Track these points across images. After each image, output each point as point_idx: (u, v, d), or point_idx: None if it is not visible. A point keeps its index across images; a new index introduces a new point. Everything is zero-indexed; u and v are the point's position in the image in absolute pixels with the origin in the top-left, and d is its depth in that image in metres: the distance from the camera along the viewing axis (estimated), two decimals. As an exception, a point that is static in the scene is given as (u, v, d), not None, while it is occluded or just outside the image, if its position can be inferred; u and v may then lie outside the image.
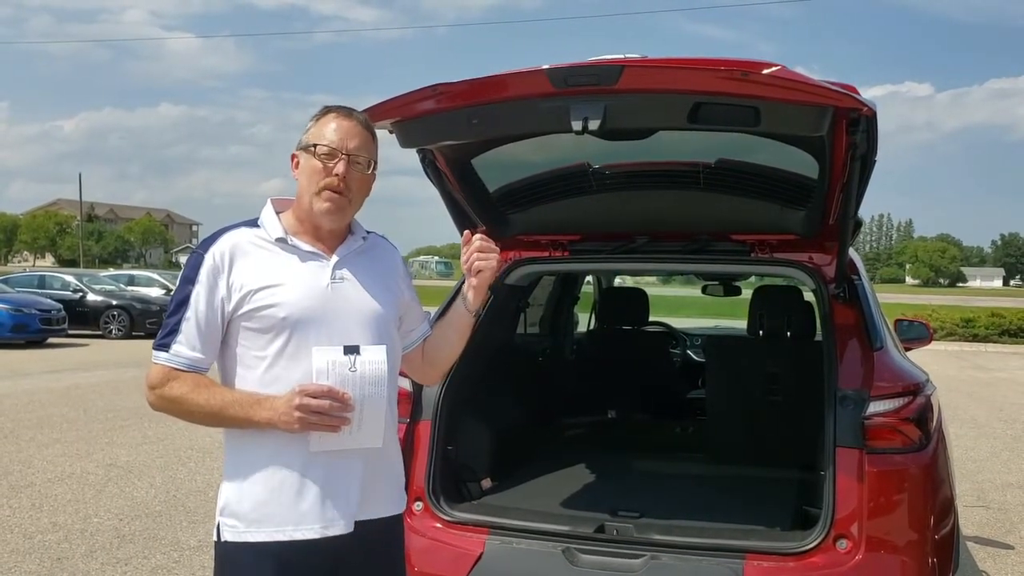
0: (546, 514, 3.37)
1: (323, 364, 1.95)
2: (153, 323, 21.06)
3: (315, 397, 1.91)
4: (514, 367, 4.58)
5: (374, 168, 2.13)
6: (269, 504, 2.03)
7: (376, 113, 2.70)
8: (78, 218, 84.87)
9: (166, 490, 6.38)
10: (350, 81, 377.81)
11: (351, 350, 1.97)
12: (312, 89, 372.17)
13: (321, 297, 2.05)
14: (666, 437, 5.15)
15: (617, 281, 7.16)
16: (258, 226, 2.12)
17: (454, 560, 3.15)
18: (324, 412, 1.92)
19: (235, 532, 2.05)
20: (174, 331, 2.02)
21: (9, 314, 17.66)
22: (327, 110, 2.13)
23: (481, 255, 2.19)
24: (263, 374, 2.03)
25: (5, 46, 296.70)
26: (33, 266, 77.44)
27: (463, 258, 2.22)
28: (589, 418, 5.37)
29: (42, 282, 21.91)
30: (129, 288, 23.75)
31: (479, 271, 2.19)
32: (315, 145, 2.06)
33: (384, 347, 2.04)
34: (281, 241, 2.08)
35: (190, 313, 2.02)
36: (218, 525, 2.09)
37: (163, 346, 2.03)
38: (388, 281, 2.20)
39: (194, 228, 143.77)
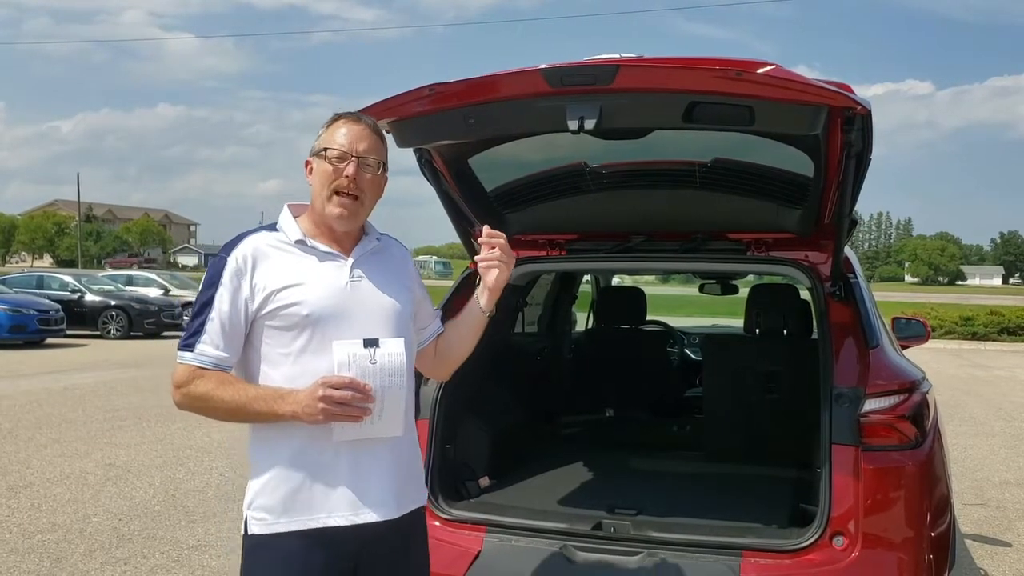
0: (544, 512, 3.38)
1: (344, 357, 2.02)
2: (151, 323, 21.10)
3: (337, 389, 1.98)
4: (512, 366, 4.58)
5: (384, 170, 2.22)
6: (297, 495, 2.09)
7: (373, 113, 2.70)
8: (76, 218, 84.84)
9: (165, 490, 6.39)
10: (348, 81, 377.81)
11: (371, 343, 2.05)
12: (311, 89, 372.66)
13: (341, 295, 2.13)
14: (663, 435, 5.16)
15: (615, 280, 7.18)
16: (277, 230, 2.20)
17: (452, 558, 3.16)
18: (346, 403, 1.99)
19: (263, 524, 2.11)
20: (198, 331, 2.10)
21: (7, 314, 17.66)
22: (337, 116, 2.22)
23: (501, 260, 2.30)
24: (288, 370, 2.10)
25: (3, 47, 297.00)
26: (31, 266, 77.45)
27: (481, 256, 2.31)
28: (587, 416, 5.38)
29: (40, 282, 21.87)
30: (127, 288, 23.72)
31: (495, 273, 2.31)
32: (326, 149, 2.15)
33: (403, 339, 2.12)
34: (300, 243, 2.17)
35: (214, 314, 2.09)
36: (246, 519, 2.15)
37: (188, 346, 2.10)
38: (402, 280, 2.29)
39: (192, 228, 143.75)
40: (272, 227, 2.22)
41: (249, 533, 2.13)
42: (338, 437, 2.05)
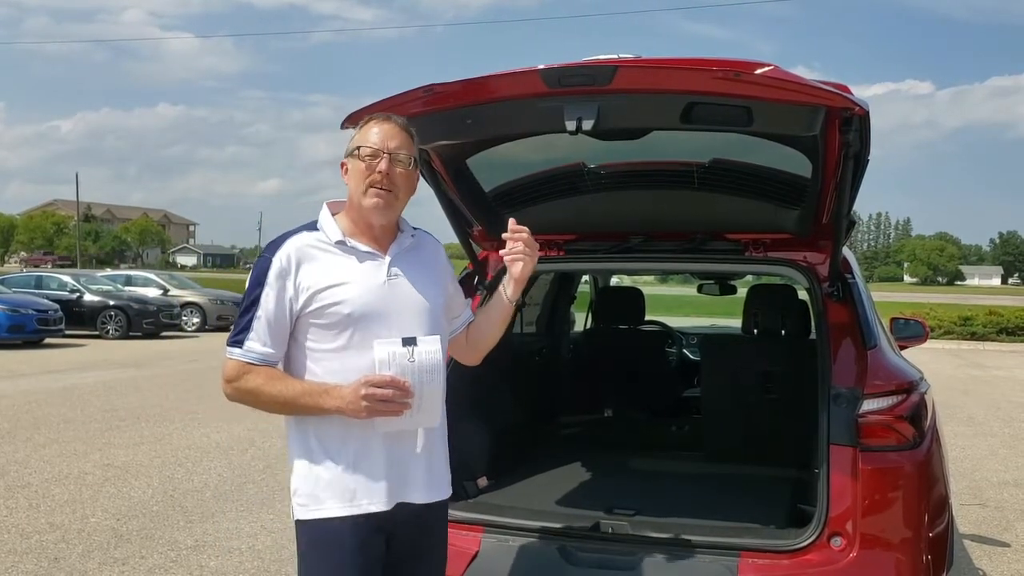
0: (542, 512, 3.38)
1: (385, 355, 2.12)
2: (150, 323, 21.08)
3: (379, 387, 2.10)
4: (511, 366, 4.58)
5: (416, 165, 2.33)
6: (339, 483, 2.21)
7: (370, 113, 2.71)
8: (75, 218, 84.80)
9: (163, 490, 6.38)
10: (348, 81, 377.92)
11: (409, 341, 2.15)
12: (310, 89, 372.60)
13: (380, 293, 2.24)
14: (662, 436, 5.16)
15: (614, 281, 7.17)
16: (317, 229, 2.30)
17: (450, 558, 3.15)
18: (388, 400, 2.11)
19: (307, 511, 2.24)
20: (246, 329, 2.21)
21: (6, 314, 17.63)
22: (369, 118, 2.32)
23: (525, 254, 2.41)
24: (330, 365, 2.21)
25: (2, 47, 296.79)
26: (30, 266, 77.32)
27: (506, 250, 2.41)
28: (585, 417, 5.38)
29: (39, 282, 21.87)
30: (126, 288, 23.67)
31: (520, 266, 2.41)
32: (359, 148, 2.26)
33: (439, 337, 2.23)
34: (341, 244, 2.27)
35: (260, 312, 2.21)
36: (293, 506, 2.28)
37: (237, 343, 2.22)
38: (435, 274, 2.41)
39: (191, 228, 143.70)
40: (312, 226, 2.30)
41: (296, 519, 2.27)
42: (380, 428, 2.17)
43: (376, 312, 2.21)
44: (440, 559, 2.48)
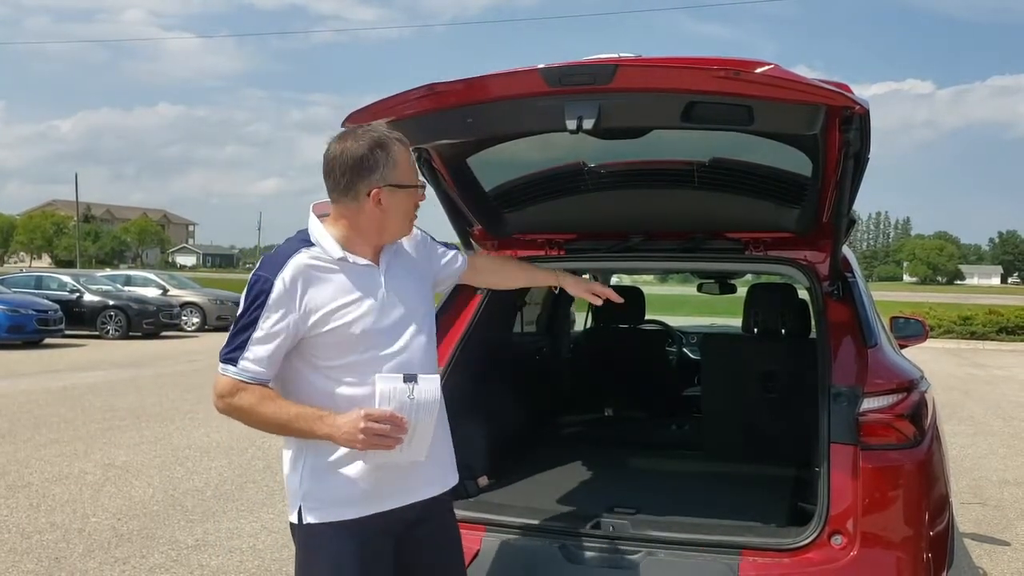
0: (543, 511, 3.38)
1: (387, 390, 2.15)
2: (150, 323, 21.08)
3: (378, 422, 2.10)
4: (511, 366, 4.58)
5: None
6: (354, 485, 2.23)
7: (371, 113, 2.71)
8: (74, 218, 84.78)
9: (164, 490, 6.39)
10: (348, 80, 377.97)
11: (410, 379, 2.18)
12: (310, 88, 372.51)
13: (381, 306, 2.27)
14: (662, 434, 5.16)
15: (614, 280, 7.17)
16: (312, 244, 2.27)
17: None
18: (384, 435, 2.11)
19: (319, 514, 2.24)
20: (242, 347, 2.18)
21: (6, 315, 17.65)
22: (396, 142, 2.28)
23: (594, 300, 2.86)
24: (338, 379, 2.23)
25: (2, 46, 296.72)
26: (30, 266, 77.38)
27: (592, 289, 2.88)
28: (586, 416, 5.38)
29: (39, 282, 21.85)
30: (126, 288, 23.68)
31: (585, 296, 2.89)
32: (413, 185, 2.32)
33: (438, 376, 2.27)
34: (342, 260, 2.26)
35: (259, 334, 2.17)
36: (299, 509, 2.26)
37: (231, 360, 2.18)
38: (419, 268, 2.47)
39: (190, 228, 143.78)
40: (307, 240, 2.27)
41: (304, 523, 2.24)
42: (369, 460, 2.19)
43: (381, 326, 2.24)
44: (457, 555, 2.52)
